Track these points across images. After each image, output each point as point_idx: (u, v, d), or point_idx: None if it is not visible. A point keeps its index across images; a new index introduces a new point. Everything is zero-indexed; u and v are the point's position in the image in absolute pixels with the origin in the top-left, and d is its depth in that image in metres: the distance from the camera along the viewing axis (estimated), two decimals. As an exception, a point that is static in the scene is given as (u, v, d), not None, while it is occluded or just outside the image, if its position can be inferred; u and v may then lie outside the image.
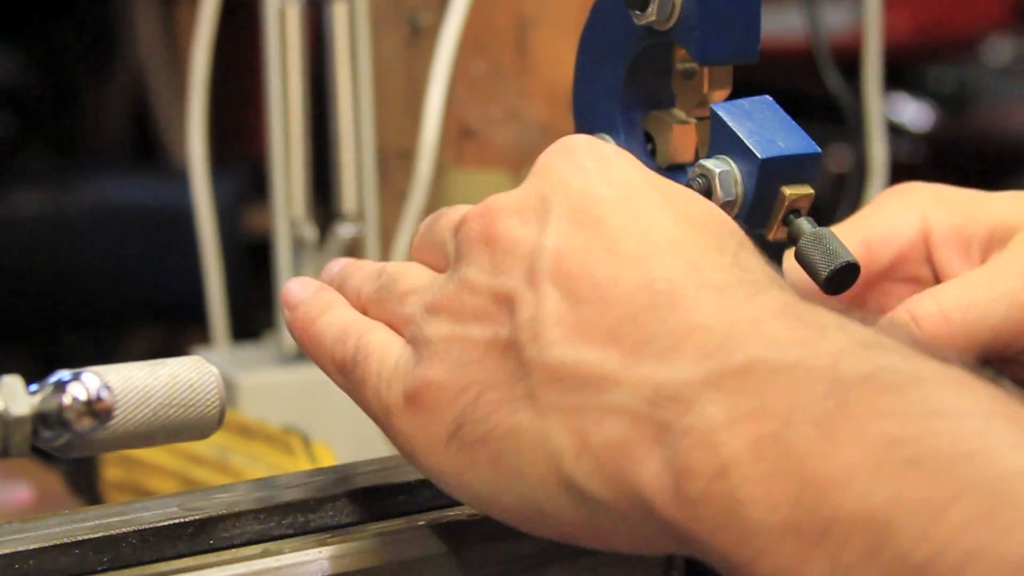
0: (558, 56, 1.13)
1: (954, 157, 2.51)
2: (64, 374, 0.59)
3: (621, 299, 0.55)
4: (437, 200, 1.15)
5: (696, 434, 0.51)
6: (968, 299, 0.69)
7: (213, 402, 0.62)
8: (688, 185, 0.67)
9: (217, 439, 0.99)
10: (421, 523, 0.65)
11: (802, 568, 0.47)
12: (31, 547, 0.62)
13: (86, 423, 0.58)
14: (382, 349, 0.63)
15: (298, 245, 1.19)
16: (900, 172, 1.32)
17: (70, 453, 0.59)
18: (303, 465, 0.99)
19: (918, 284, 0.74)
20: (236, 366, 1.18)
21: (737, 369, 0.51)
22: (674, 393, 0.52)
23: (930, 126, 2.58)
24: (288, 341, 1.18)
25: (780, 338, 0.51)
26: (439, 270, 0.63)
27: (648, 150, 0.73)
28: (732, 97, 0.70)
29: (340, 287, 0.68)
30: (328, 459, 1.00)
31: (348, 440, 1.05)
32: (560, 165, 0.60)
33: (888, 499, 0.46)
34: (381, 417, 0.62)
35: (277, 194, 1.17)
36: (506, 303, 0.58)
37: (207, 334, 1.23)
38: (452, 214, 0.64)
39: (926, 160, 2.46)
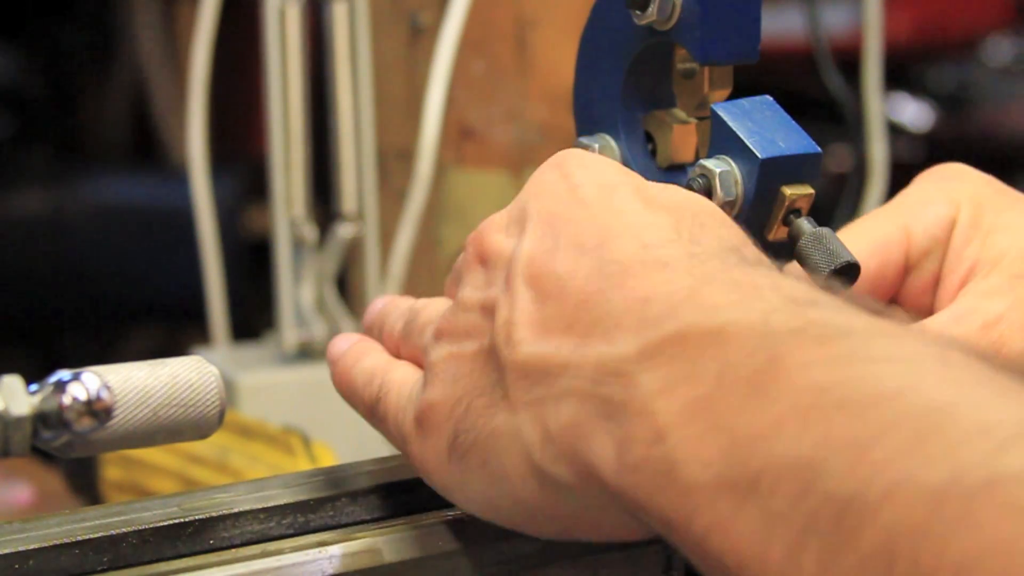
0: (558, 56, 1.13)
1: (954, 157, 2.50)
2: (64, 374, 0.58)
3: (577, 288, 0.56)
4: (437, 200, 1.15)
5: (634, 404, 0.52)
6: None
7: (213, 402, 0.62)
8: (688, 185, 0.67)
9: (217, 439, 0.99)
10: (422, 523, 0.65)
11: (734, 521, 0.48)
12: (31, 547, 0.62)
13: (86, 423, 0.58)
14: (401, 384, 0.65)
15: (298, 245, 1.19)
16: (900, 172, 1.32)
17: (70, 453, 0.59)
18: (303, 465, 0.99)
19: (934, 280, 0.74)
20: (236, 366, 1.18)
21: (670, 337, 0.52)
22: (615, 368, 0.53)
23: (930, 126, 2.57)
24: (288, 341, 1.18)
25: (713, 302, 0.53)
26: None
27: (648, 150, 0.73)
28: (732, 97, 0.70)
29: (379, 328, 0.71)
30: (328, 459, 1.00)
31: (348, 440, 1.05)
32: (545, 177, 0.62)
33: (815, 443, 0.47)
34: (402, 447, 0.64)
35: (277, 194, 1.17)
36: (490, 312, 0.60)
37: (207, 334, 1.22)
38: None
39: (926, 160, 2.45)
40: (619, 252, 0.56)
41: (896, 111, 2.50)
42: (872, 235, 0.72)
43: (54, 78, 2.53)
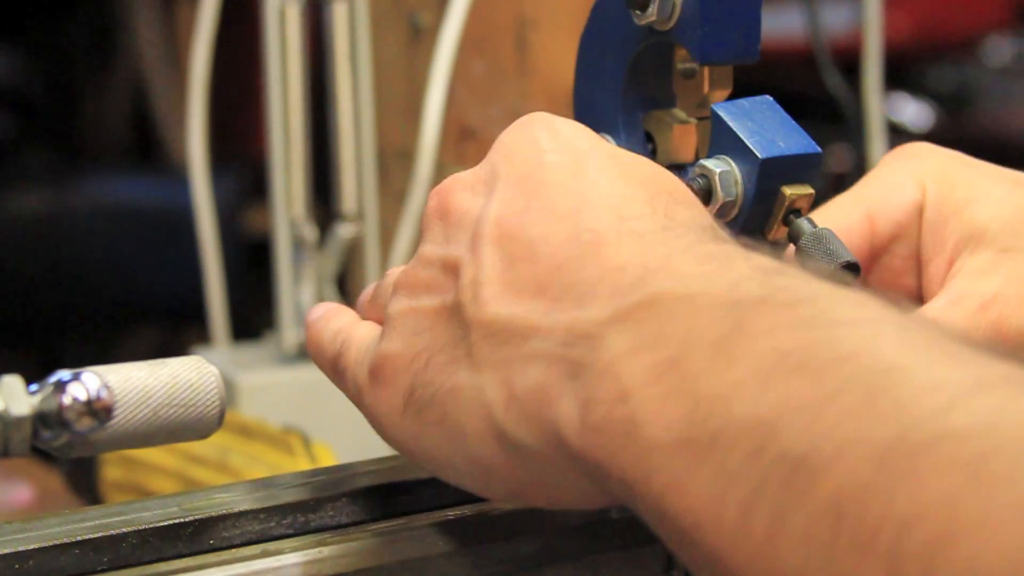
0: (558, 56, 1.13)
1: (954, 157, 2.50)
2: (64, 374, 0.59)
3: (550, 253, 0.57)
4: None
5: (600, 364, 0.53)
6: None
7: (213, 402, 0.62)
8: (688, 185, 0.66)
9: (217, 439, 0.99)
10: (421, 523, 0.65)
11: (691, 480, 0.49)
12: (31, 547, 0.62)
13: (86, 423, 0.58)
14: (361, 339, 0.65)
15: (298, 245, 1.19)
16: (900, 172, 1.32)
17: (70, 453, 0.59)
18: (303, 465, 0.99)
19: (911, 261, 0.74)
20: (236, 366, 1.18)
21: (642, 302, 0.53)
22: (585, 331, 0.54)
23: (930, 126, 2.58)
24: (288, 341, 1.18)
25: (685, 272, 0.53)
26: None
27: (649, 150, 0.73)
28: (732, 97, 0.70)
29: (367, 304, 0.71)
30: (328, 459, 1.00)
31: (348, 440, 1.05)
32: (514, 138, 0.62)
33: (772, 405, 0.47)
34: (356, 398, 0.64)
35: (277, 194, 1.17)
36: (452, 270, 0.60)
37: (207, 334, 1.23)
38: None
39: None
40: (595, 221, 0.57)
41: (896, 111, 2.50)
42: (834, 225, 0.70)
43: (54, 78, 2.53)
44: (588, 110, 0.74)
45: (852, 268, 0.66)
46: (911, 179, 0.73)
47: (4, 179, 2.19)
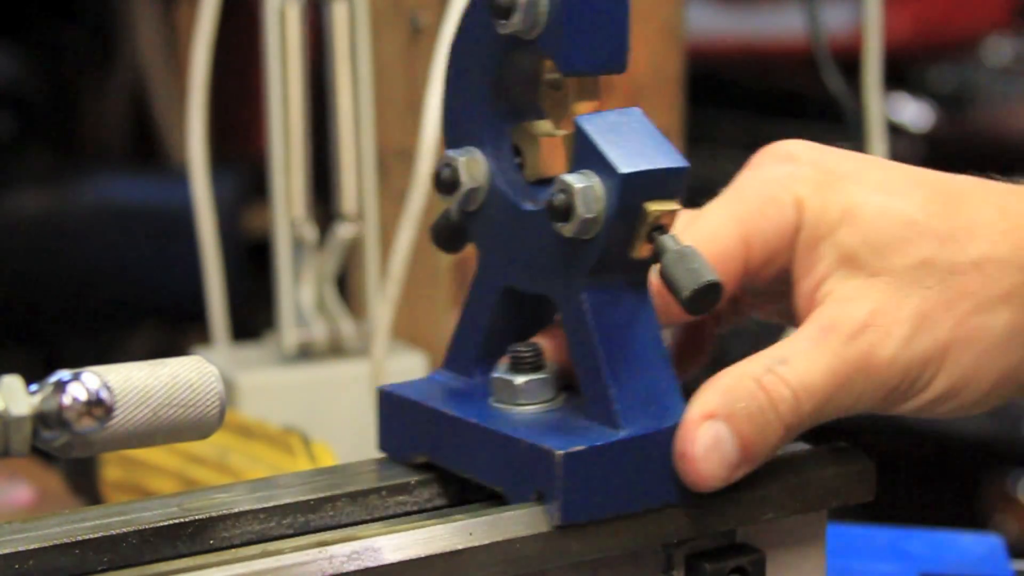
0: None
1: (954, 157, 2.50)
2: (64, 374, 0.59)
3: None
4: (437, 200, 1.15)
5: None
6: (815, 385, 0.67)
7: (213, 402, 0.62)
8: (549, 201, 0.65)
9: (217, 439, 0.99)
10: (422, 523, 0.65)
11: None
12: (31, 547, 0.62)
13: (86, 423, 0.58)
14: None
15: (298, 245, 1.19)
16: (900, 172, 1.32)
17: (70, 453, 0.59)
18: (303, 465, 0.99)
19: (783, 280, 0.71)
20: (236, 366, 1.18)
21: None
22: None
23: (930, 126, 2.57)
24: (288, 341, 1.18)
25: None
26: None
27: (517, 164, 0.71)
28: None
29: None
30: (328, 459, 1.00)
31: (348, 440, 1.05)
32: None
33: None
34: None
35: (277, 194, 1.17)
36: None
37: (207, 334, 1.22)
38: None
39: (926, 160, 2.45)
40: None
41: (896, 111, 2.50)
42: (708, 249, 0.68)
43: (54, 78, 2.54)
44: (456, 122, 0.71)
45: (714, 288, 0.64)
46: (788, 194, 0.70)
47: (4, 179, 2.19)
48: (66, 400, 0.58)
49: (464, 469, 0.68)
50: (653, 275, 0.67)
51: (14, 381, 0.58)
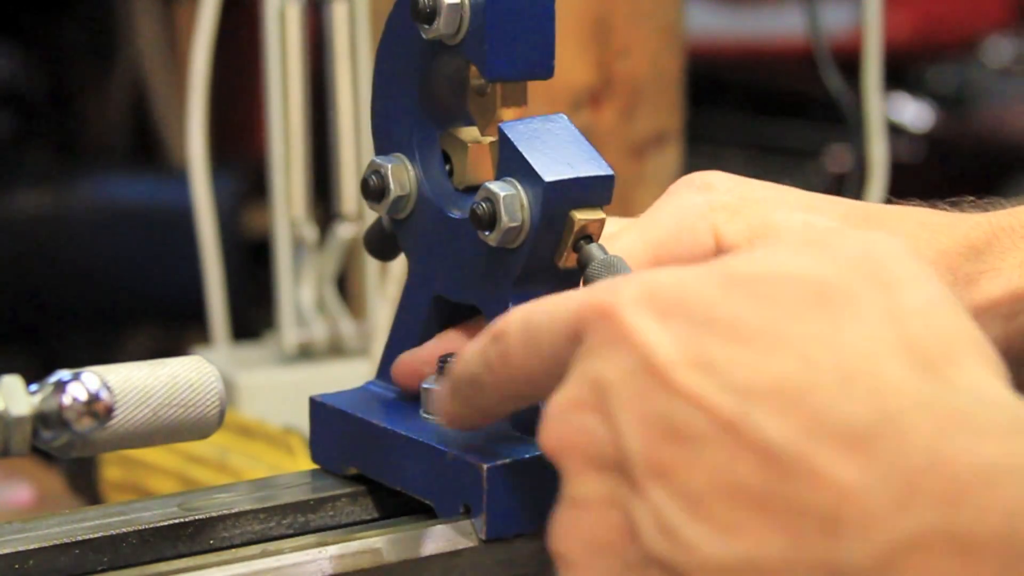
0: (558, 56, 1.13)
1: (954, 157, 2.51)
2: (64, 374, 0.59)
3: None
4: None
5: None
6: None
7: (213, 402, 0.62)
8: (472, 209, 0.64)
9: (217, 439, 0.99)
10: (422, 523, 0.65)
11: None
12: (31, 547, 0.62)
13: (86, 423, 0.58)
14: None
15: (298, 245, 1.19)
16: (900, 172, 1.32)
17: (70, 453, 0.59)
18: (303, 465, 0.98)
19: None
20: (236, 366, 1.18)
21: None
22: None
23: (930, 126, 2.58)
24: (288, 341, 1.18)
25: None
26: None
27: (446, 170, 0.70)
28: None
29: None
30: (328, 459, 1.00)
31: (348, 440, 1.05)
32: None
33: None
34: None
35: (277, 194, 1.17)
36: None
37: (207, 334, 1.23)
38: None
39: (926, 160, 2.46)
40: None
41: (896, 111, 2.50)
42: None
43: (54, 78, 2.54)
44: (384, 128, 0.70)
45: None
46: (704, 223, 0.69)
47: (4, 179, 2.19)
48: (66, 400, 0.58)
49: (393, 481, 0.67)
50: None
51: (14, 381, 0.58)
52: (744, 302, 0.51)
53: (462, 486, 0.63)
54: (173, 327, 2.33)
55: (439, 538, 0.64)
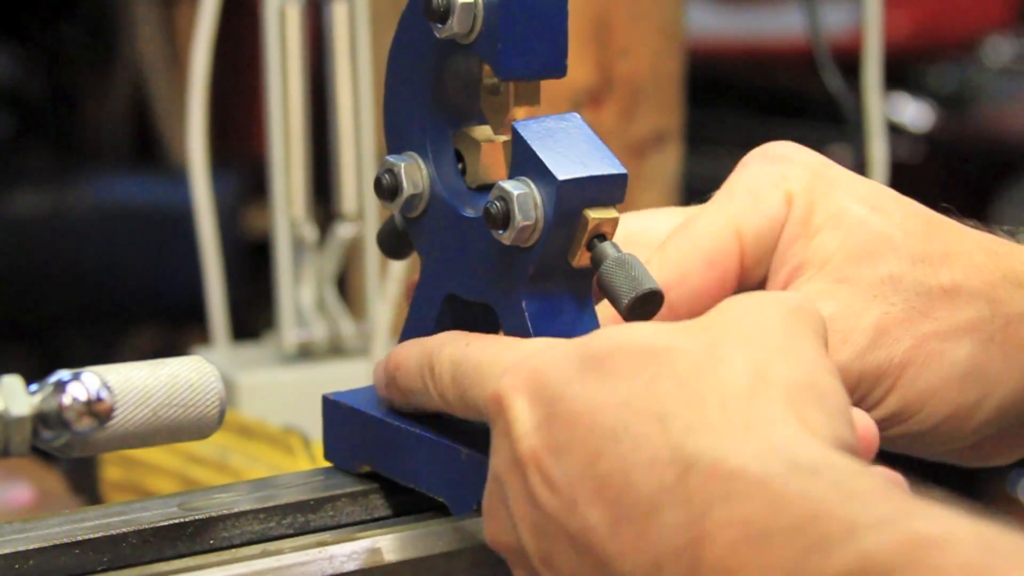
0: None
1: (954, 157, 2.51)
2: (64, 374, 0.59)
3: None
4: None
5: None
6: None
7: (213, 402, 0.62)
8: (487, 208, 0.64)
9: (217, 439, 0.99)
10: (422, 523, 0.65)
11: None
12: (31, 547, 0.62)
13: (86, 423, 0.58)
14: None
15: (298, 245, 1.19)
16: (900, 172, 1.32)
17: (70, 453, 0.59)
18: (303, 465, 0.99)
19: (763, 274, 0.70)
20: (236, 366, 1.18)
21: None
22: None
23: (930, 126, 2.58)
24: (288, 341, 1.18)
25: None
26: None
27: (459, 169, 0.70)
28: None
29: None
30: (328, 459, 1.00)
31: (348, 440, 1.05)
32: None
33: None
34: None
35: (277, 194, 1.17)
36: None
37: (207, 334, 1.23)
38: None
39: (926, 160, 2.46)
40: None
41: (896, 111, 2.50)
42: (705, 247, 0.68)
43: (54, 78, 2.54)
44: (396, 127, 0.70)
45: (655, 296, 0.63)
46: (778, 191, 0.70)
47: (4, 179, 2.19)
48: (66, 400, 0.58)
49: (407, 479, 0.67)
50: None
51: (14, 381, 0.58)
52: (592, 380, 0.57)
53: (476, 484, 0.63)
54: (173, 327, 2.33)
55: (439, 538, 0.64)
